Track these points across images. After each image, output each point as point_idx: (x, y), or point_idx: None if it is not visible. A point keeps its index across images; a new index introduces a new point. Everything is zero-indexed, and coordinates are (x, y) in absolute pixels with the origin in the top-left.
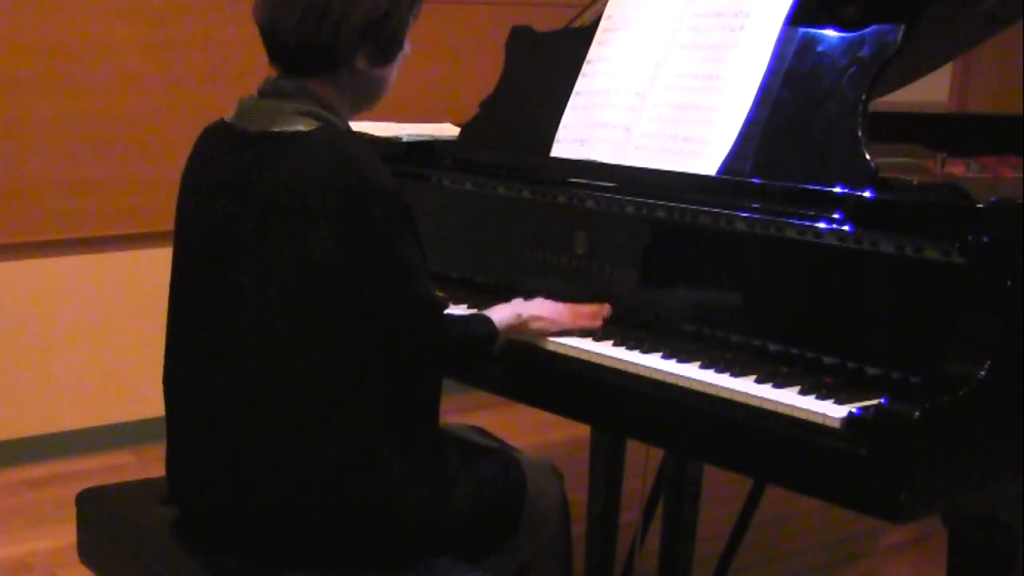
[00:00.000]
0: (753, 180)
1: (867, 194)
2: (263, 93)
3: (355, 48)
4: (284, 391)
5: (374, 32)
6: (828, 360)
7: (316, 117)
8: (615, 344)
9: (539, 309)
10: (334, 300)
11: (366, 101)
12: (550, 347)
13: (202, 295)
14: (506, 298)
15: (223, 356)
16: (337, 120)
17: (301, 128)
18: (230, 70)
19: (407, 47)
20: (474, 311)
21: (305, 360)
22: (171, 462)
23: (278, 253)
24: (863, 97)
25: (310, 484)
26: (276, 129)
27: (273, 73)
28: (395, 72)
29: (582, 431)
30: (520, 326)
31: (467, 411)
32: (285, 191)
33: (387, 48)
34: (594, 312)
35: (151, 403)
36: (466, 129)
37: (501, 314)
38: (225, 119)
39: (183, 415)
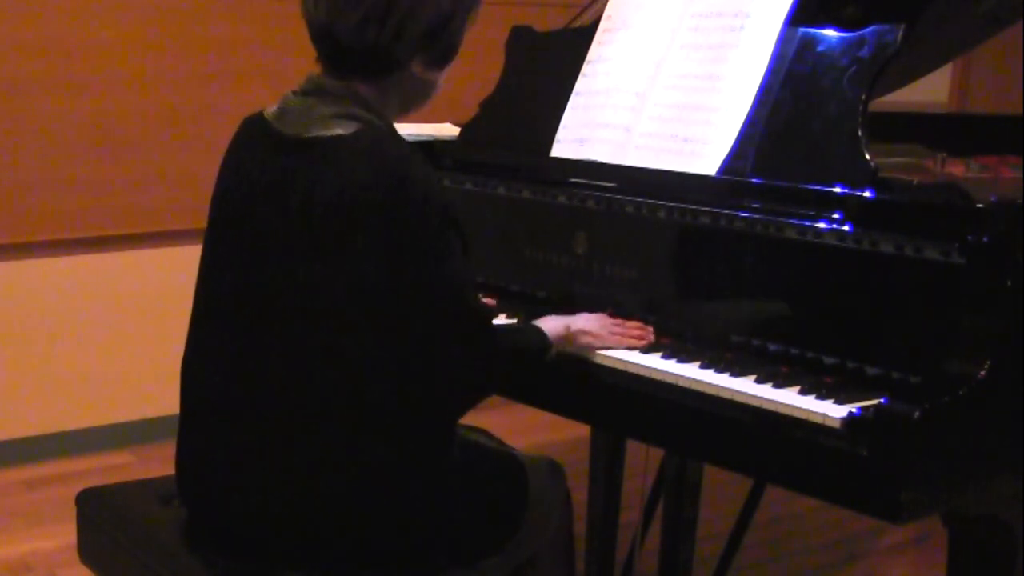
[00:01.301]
0: (753, 180)
1: (867, 194)
2: (305, 91)
3: (413, 52)
4: (305, 396)
5: (434, 37)
6: (828, 360)
7: (355, 118)
8: None
9: (586, 324)
10: (374, 305)
11: (415, 104)
12: None
13: (232, 295)
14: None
15: (249, 357)
16: (378, 120)
17: (340, 132)
18: (231, 70)
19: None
20: (523, 321)
21: (332, 365)
22: (180, 456)
23: (317, 261)
24: (863, 97)
25: (317, 485)
26: (314, 134)
27: (313, 71)
28: (444, 76)
29: (582, 431)
30: (567, 339)
31: None
32: (326, 199)
33: (445, 53)
34: (640, 331)
35: (151, 403)
36: (466, 129)
37: (550, 325)
38: (265, 115)
39: (198, 410)
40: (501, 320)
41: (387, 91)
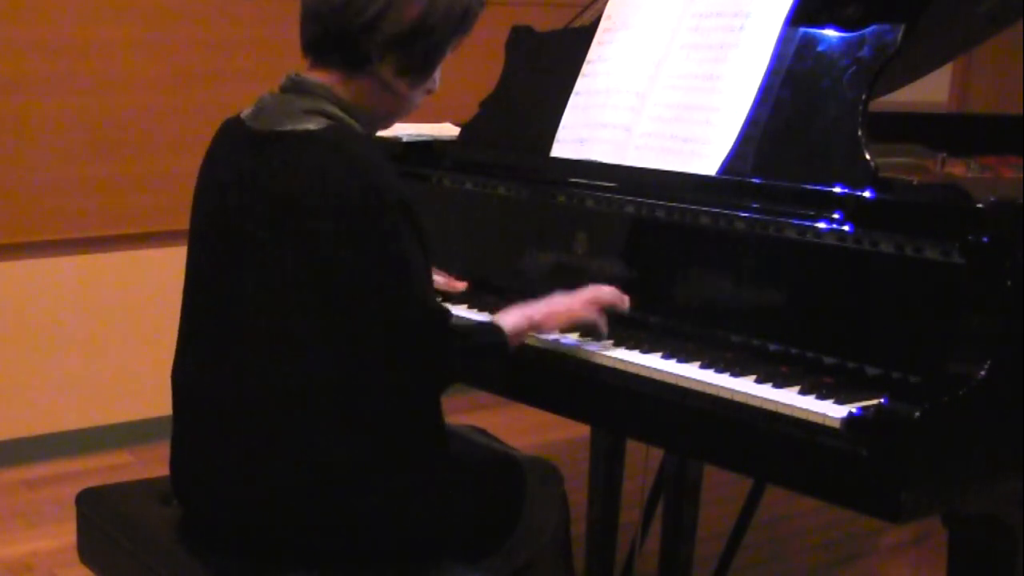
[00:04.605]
0: (753, 180)
1: (867, 194)
2: (283, 88)
3: (384, 52)
4: (288, 391)
5: (408, 43)
6: (828, 360)
7: (327, 115)
8: (615, 344)
9: (549, 305)
10: (337, 301)
11: (382, 113)
12: (550, 347)
13: (210, 292)
14: (508, 299)
15: (229, 354)
16: (350, 120)
17: (311, 127)
18: (231, 70)
19: (436, 80)
20: (484, 316)
21: (309, 360)
22: (174, 458)
23: (283, 253)
24: (863, 97)
25: (312, 484)
26: (284, 128)
27: (294, 70)
28: (418, 97)
29: (582, 431)
30: (534, 327)
31: (467, 411)
32: (291, 191)
33: (417, 65)
34: (614, 293)
35: (151, 403)
36: (466, 129)
37: (510, 319)
38: (241, 115)
39: (188, 411)
40: (472, 314)
41: (360, 94)
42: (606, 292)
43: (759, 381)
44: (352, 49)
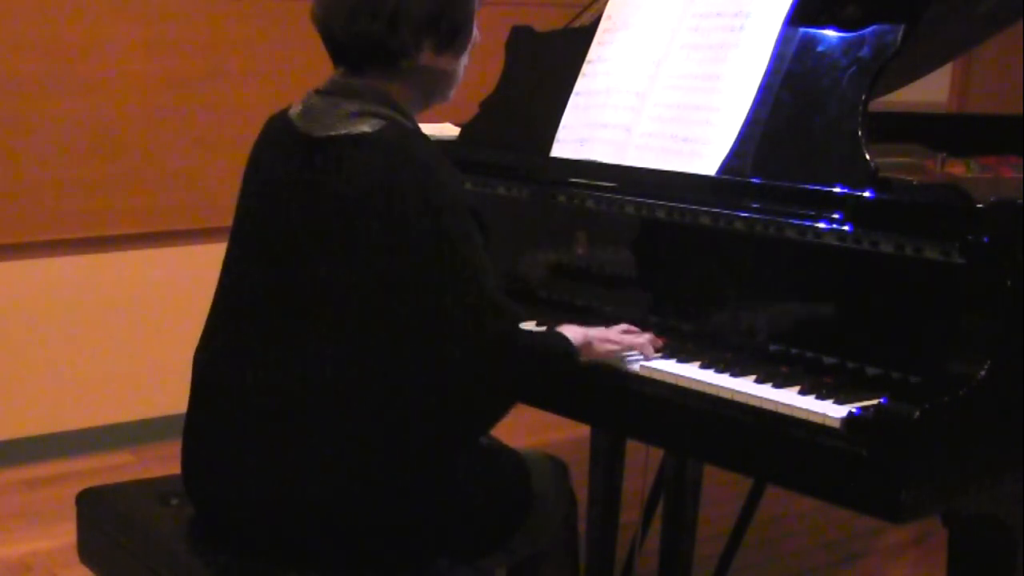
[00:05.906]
0: (753, 180)
1: (867, 194)
2: (327, 91)
3: (417, 41)
4: (322, 391)
5: (435, 24)
6: (828, 360)
7: (380, 116)
8: None
9: (603, 332)
10: (391, 307)
11: (436, 93)
12: None
13: (255, 292)
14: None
15: (267, 353)
16: (402, 118)
17: (366, 129)
18: (231, 70)
19: (476, 34)
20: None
21: (346, 361)
22: (187, 451)
23: (335, 256)
24: (863, 97)
25: (333, 483)
26: (340, 132)
27: (336, 71)
28: (466, 60)
29: (582, 431)
30: (588, 347)
31: None
32: (350, 195)
33: (453, 38)
34: (652, 339)
35: (151, 403)
36: (466, 129)
37: (570, 333)
38: (289, 114)
39: (210, 405)
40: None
41: (404, 83)
42: (648, 340)
43: (759, 381)
44: (384, 51)
